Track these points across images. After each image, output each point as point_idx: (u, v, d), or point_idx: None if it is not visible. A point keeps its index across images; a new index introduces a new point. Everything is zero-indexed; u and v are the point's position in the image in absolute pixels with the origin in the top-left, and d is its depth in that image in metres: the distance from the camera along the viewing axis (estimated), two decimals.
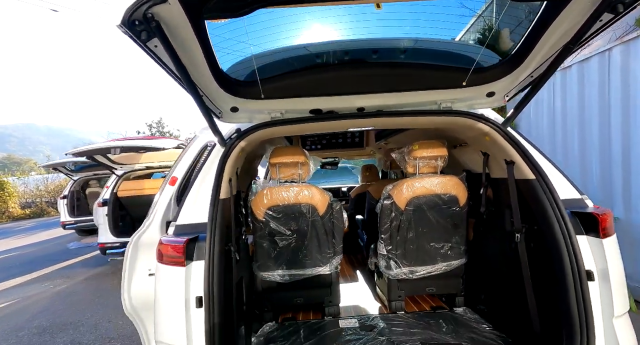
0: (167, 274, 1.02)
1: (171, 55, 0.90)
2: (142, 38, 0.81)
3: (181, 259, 1.01)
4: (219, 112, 1.32)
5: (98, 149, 3.91)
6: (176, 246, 1.02)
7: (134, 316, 1.50)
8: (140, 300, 1.45)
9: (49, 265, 5.13)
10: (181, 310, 0.98)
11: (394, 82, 1.33)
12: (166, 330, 0.99)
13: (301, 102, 1.36)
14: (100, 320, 2.93)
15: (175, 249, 1.01)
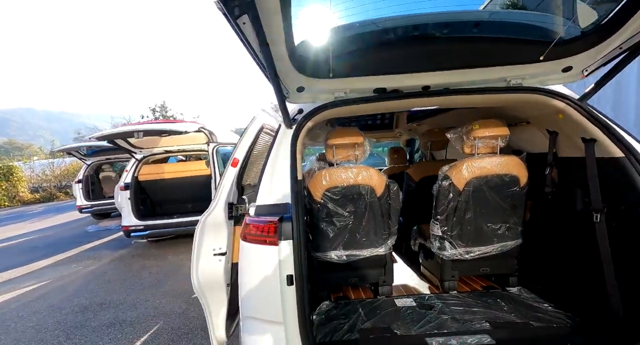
0: (259, 253, 1.03)
1: (259, 31, 0.87)
2: (234, 14, 0.79)
3: (274, 238, 1.01)
4: (286, 92, 1.29)
5: (122, 132, 3.87)
6: (269, 226, 1.02)
7: (200, 294, 1.53)
8: (206, 279, 1.47)
9: (72, 247, 5.23)
10: (275, 288, 1.00)
11: (462, 58, 1.27)
12: (260, 307, 1.01)
13: (366, 80, 1.32)
14: (137, 299, 3.01)
15: (268, 229, 1.01)
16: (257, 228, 1.03)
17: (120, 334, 2.40)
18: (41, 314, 2.82)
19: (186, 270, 3.76)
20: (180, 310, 2.70)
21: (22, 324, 2.66)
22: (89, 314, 2.76)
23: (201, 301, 1.57)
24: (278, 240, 1.01)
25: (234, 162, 1.43)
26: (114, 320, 2.63)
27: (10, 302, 3.15)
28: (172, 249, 4.63)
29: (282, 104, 1.18)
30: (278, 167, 1.21)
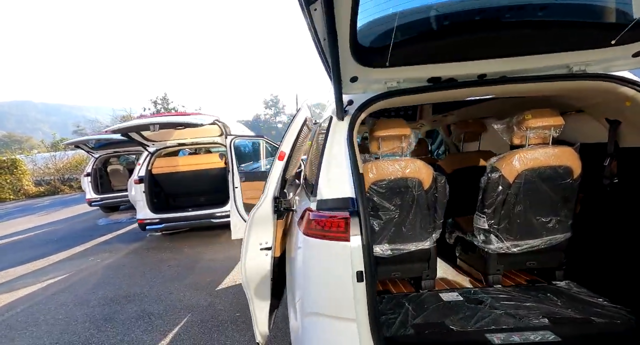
0: (328, 249, 1.01)
1: (329, 18, 0.84)
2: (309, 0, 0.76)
3: (345, 234, 0.99)
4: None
5: (138, 125, 3.82)
6: (339, 221, 0.99)
7: (246, 288, 1.53)
8: (253, 274, 1.46)
9: (86, 240, 5.25)
10: (346, 284, 0.98)
11: (521, 44, 1.22)
12: (328, 304, 1.00)
13: (420, 69, 1.27)
14: (161, 292, 3.03)
15: (338, 224, 0.99)
16: (325, 223, 1.00)
17: (151, 326, 2.42)
18: (68, 307, 2.84)
19: (204, 263, 3.78)
20: (206, 303, 2.72)
21: (51, 316, 2.68)
22: (115, 307, 2.78)
23: (247, 296, 1.56)
24: (350, 235, 0.99)
25: (280, 156, 1.39)
26: (142, 312, 2.64)
27: (35, 295, 3.17)
28: (186, 242, 4.65)
29: (339, 94, 1.14)
30: (334, 161, 1.18)
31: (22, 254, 4.77)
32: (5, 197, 13.26)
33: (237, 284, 3.08)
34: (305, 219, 1.08)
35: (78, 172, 15.79)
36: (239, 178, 3.72)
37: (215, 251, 4.19)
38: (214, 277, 3.29)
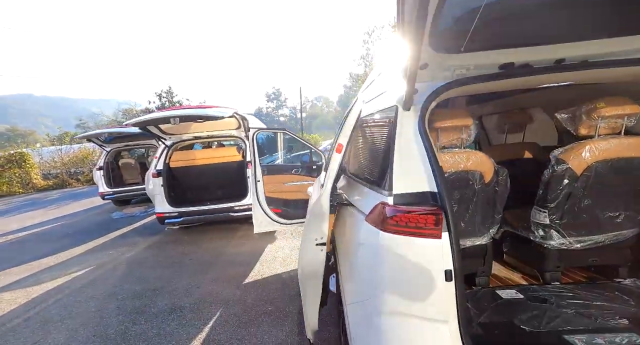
0: (413, 246, 0.97)
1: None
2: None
3: (436, 230, 0.94)
4: None
5: (158, 118, 3.77)
6: (428, 217, 0.95)
7: (302, 283, 1.50)
8: (308, 270, 1.43)
9: (103, 234, 5.27)
10: (436, 283, 0.94)
11: (605, 25, 1.12)
12: (411, 303, 0.96)
13: (493, 55, 1.20)
14: (189, 285, 3.03)
15: (426, 220, 0.95)
16: (411, 219, 0.96)
17: (184, 320, 2.42)
18: (98, 300, 2.85)
19: (226, 256, 3.78)
20: (236, 297, 2.72)
21: (83, 309, 2.69)
22: (145, 300, 2.79)
23: (301, 291, 1.54)
24: (441, 232, 0.94)
25: (338, 148, 1.34)
26: (173, 306, 2.65)
27: (63, 288, 3.18)
28: (205, 236, 4.65)
29: (413, 82, 1.09)
30: (405, 153, 1.13)
31: (41, 247, 4.80)
32: (14, 191, 13.36)
33: (264, 278, 3.08)
34: (381, 214, 1.04)
35: (84, 165, 15.86)
36: (261, 171, 3.68)
37: (235, 245, 4.18)
38: (238, 271, 3.29)
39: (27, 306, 2.83)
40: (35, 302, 2.90)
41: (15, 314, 2.70)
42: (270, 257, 3.66)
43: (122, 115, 40.87)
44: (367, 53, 17.66)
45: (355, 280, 1.24)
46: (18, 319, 2.62)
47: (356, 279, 1.23)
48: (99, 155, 16.37)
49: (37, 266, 3.93)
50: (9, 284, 3.43)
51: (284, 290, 2.77)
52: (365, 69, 16.55)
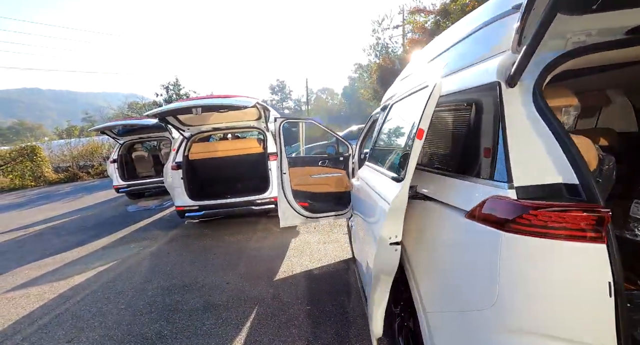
0: (562, 252, 0.79)
1: None
2: None
3: (599, 233, 0.76)
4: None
5: (179, 108, 3.62)
6: (587, 217, 0.77)
7: (372, 286, 1.36)
8: (379, 270, 1.29)
9: (121, 227, 5.21)
10: (596, 300, 0.77)
11: None
12: (560, 323, 0.79)
13: (618, 17, 1.00)
14: (218, 282, 2.93)
15: (589, 220, 0.77)
16: (559, 218, 0.78)
17: (220, 319, 2.32)
18: (127, 296, 2.77)
19: (251, 251, 3.67)
20: (270, 295, 2.60)
21: (113, 306, 2.61)
22: (175, 297, 2.69)
23: (368, 294, 1.40)
24: (606, 235, 0.77)
25: (419, 134, 1.16)
26: (206, 303, 2.55)
27: (90, 283, 3.11)
28: (225, 230, 4.55)
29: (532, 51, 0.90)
30: (522, 138, 0.94)
31: (62, 241, 4.76)
32: (26, 184, 13.48)
33: (295, 275, 2.96)
34: (504, 210, 0.86)
35: (94, 159, 15.92)
36: (287, 164, 3.52)
37: (258, 239, 4.07)
38: (266, 267, 3.18)
39: (56, 302, 2.77)
40: (63, 298, 2.83)
41: (44, 311, 2.63)
42: (297, 252, 3.54)
43: (128, 109, 40.93)
44: (377, 42, 17.17)
45: (448, 286, 1.08)
46: (48, 315, 2.55)
47: (448, 285, 1.08)
48: (107, 149, 16.50)
49: (60, 260, 3.88)
50: (35, 278, 3.37)
51: (319, 288, 2.65)
52: (375, 58, 16.14)
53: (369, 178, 1.73)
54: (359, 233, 1.91)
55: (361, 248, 1.77)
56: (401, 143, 1.54)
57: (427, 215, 1.26)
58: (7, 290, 3.11)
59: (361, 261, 1.74)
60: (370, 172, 1.82)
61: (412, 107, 1.39)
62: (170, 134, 7.15)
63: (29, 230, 5.68)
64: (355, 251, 2.12)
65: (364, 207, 1.71)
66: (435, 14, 10.12)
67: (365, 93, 18.67)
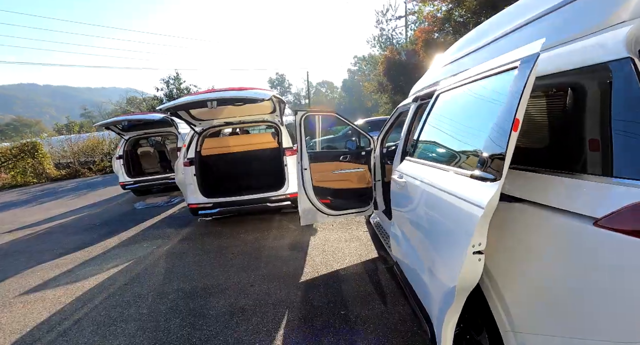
0: None
1: None
2: None
3: None
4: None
5: (192, 102, 3.44)
6: None
7: (441, 299, 1.21)
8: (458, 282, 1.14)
9: (131, 225, 5.08)
10: None
11: None
12: None
13: None
14: (241, 284, 2.80)
15: None
16: None
17: (250, 325, 2.19)
18: (147, 300, 2.64)
19: (269, 250, 3.55)
20: (299, 298, 2.48)
21: (135, 311, 2.48)
22: (199, 300, 2.57)
23: (435, 307, 1.26)
24: None
25: (515, 125, 0.99)
26: (231, 308, 2.42)
27: (105, 286, 2.99)
28: (239, 228, 4.41)
29: None
30: None
31: (71, 240, 4.63)
32: (28, 181, 13.32)
33: (321, 276, 2.83)
34: None
35: (95, 155, 15.73)
36: (307, 159, 3.36)
37: (275, 238, 3.94)
38: (289, 268, 3.05)
39: (74, 306, 2.64)
40: (81, 302, 2.71)
41: (63, 316, 2.51)
42: (318, 251, 3.41)
43: (127, 104, 40.53)
44: (381, 33, 16.78)
45: (559, 305, 0.93)
46: (68, 321, 2.42)
47: (559, 304, 0.93)
48: (108, 144, 16.30)
49: (72, 261, 3.75)
50: (49, 280, 3.25)
51: (349, 290, 2.52)
52: (379, 50, 15.77)
53: (425, 176, 1.57)
54: (410, 237, 1.75)
55: (416, 255, 1.61)
56: (469, 137, 1.38)
57: (518, 220, 1.10)
58: (21, 294, 2.99)
59: (417, 270, 1.58)
60: (425, 169, 1.64)
61: (486, 94, 1.22)
62: (176, 129, 6.99)
63: (36, 228, 5.55)
64: (401, 255, 1.97)
65: (423, 209, 1.54)
66: (448, 1, 9.76)
67: (368, 86, 18.36)
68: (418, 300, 1.59)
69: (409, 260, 1.74)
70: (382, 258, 3.07)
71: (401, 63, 12.09)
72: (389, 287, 2.49)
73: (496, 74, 1.17)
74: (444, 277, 1.23)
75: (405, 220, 1.82)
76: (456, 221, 1.16)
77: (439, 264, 1.30)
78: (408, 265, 1.77)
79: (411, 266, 1.69)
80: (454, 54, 2.02)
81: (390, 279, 2.63)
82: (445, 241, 1.26)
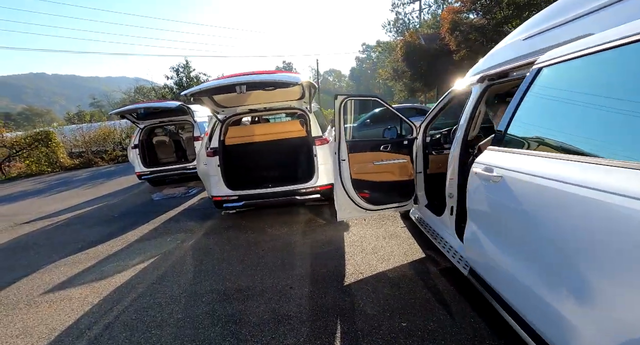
0: None
1: None
2: None
3: None
4: None
5: (219, 86, 3.13)
6: None
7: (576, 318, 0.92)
8: None
9: (151, 217, 4.90)
10: None
11: None
12: None
13: None
14: (279, 285, 2.57)
15: None
16: None
17: (301, 336, 1.95)
18: (181, 302, 2.43)
19: (302, 247, 3.30)
20: (349, 305, 2.22)
21: (168, 315, 2.28)
22: (236, 304, 2.34)
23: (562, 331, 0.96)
24: None
25: None
26: (274, 314, 2.19)
27: (133, 284, 2.79)
28: (263, 221, 4.18)
29: None
30: None
31: (91, 232, 4.48)
32: (43, 170, 13.37)
33: (366, 278, 2.57)
34: None
35: (106, 144, 15.69)
36: (346, 148, 3.05)
37: (305, 233, 3.69)
38: (329, 267, 2.80)
39: (102, 308, 2.46)
40: (109, 303, 2.52)
41: (92, 319, 2.32)
42: (356, 248, 3.15)
43: (135, 93, 40.46)
44: (396, 18, 15.93)
45: None
46: (97, 326, 2.23)
47: None
48: (120, 134, 16.22)
49: (95, 255, 3.59)
50: (72, 277, 3.08)
51: (403, 297, 2.25)
52: (395, 35, 15.00)
53: (554, 171, 1.20)
54: (519, 250, 1.40)
55: (535, 277, 1.28)
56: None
57: None
58: (46, 291, 2.83)
59: (537, 295, 1.26)
60: (547, 162, 1.27)
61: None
62: (192, 117, 6.72)
63: (55, 219, 5.44)
64: (493, 269, 1.64)
65: (559, 216, 1.17)
66: None
67: (383, 73, 17.66)
68: (532, 332, 1.29)
69: (513, 279, 1.42)
70: (431, 259, 2.79)
71: (422, 48, 11.40)
72: (449, 294, 2.22)
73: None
74: (619, 318, 0.92)
75: (505, 227, 1.48)
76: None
77: (602, 297, 0.97)
78: (512, 284, 1.45)
79: (520, 289, 1.37)
80: (553, 18, 1.64)
81: (447, 284, 2.35)
82: (615, 265, 0.93)
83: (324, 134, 4.07)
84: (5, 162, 13.37)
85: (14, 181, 11.83)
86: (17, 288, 2.96)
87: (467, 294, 2.18)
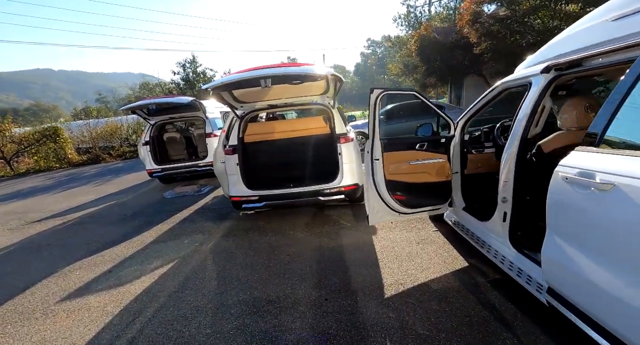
0: None
1: None
2: None
3: None
4: None
5: (242, 80, 2.89)
6: None
7: None
8: None
9: (165, 217, 4.73)
10: None
11: None
12: None
13: None
14: (313, 296, 2.36)
15: None
16: None
17: None
18: (207, 314, 2.24)
19: (329, 252, 3.09)
20: (395, 322, 2.00)
21: (196, 330, 2.08)
22: (269, 318, 2.14)
23: None
24: None
25: None
26: (315, 332, 1.98)
27: (154, 292, 2.61)
28: (284, 223, 3.97)
29: None
30: None
31: (105, 232, 4.32)
32: (51, 166, 13.33)
33: (408, 290, 2.34)
34: None
35: (114, 140, 15.61)
36: (380, 147, 2.82)
37: (330, 236, 3.48)
38: (363, 276, 2.59)
39: (124, 320, 2.27)
40: (130, 314, 2.34)
41: (114, 332, 2.14)
42: (390, 255, 2.92)
43: (139, 88, 40.35)
44: (408, 12, 15.46)
45: None
46: (120, 340, 2.05)
47: None
48: (127, 130, 16.11)
49: (110, 258, 3.42)
50: (89, 282, 2.91)
51: (455, 314, 2.02)
52: (407, 29, 14.57)
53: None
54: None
55: None
56: None
57: None
58: (62, 299, 2.66)
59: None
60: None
61: None
62: (204, 113, 6.51)
63: (67, 218, 5.30)
64: (584, 292, 1.40)
65: None
66: None
67: (393, 68, 17.23)
68: None
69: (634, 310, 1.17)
70: (476, 268, 2.56)
71: (437, 41, 11.00)
72: (510, 313, 1.98)
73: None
74: None
75: (621, 247, 1.22)
76: None
77: None
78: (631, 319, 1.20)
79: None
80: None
81: (502, 299, 2.12)
82: None
83: (349, 131, 3.83)
84: (14, 157, 13.34)
85: (23, 177, 11.80)
86: (32, 294, 2.80)
87: (531, 313, 1.95)
